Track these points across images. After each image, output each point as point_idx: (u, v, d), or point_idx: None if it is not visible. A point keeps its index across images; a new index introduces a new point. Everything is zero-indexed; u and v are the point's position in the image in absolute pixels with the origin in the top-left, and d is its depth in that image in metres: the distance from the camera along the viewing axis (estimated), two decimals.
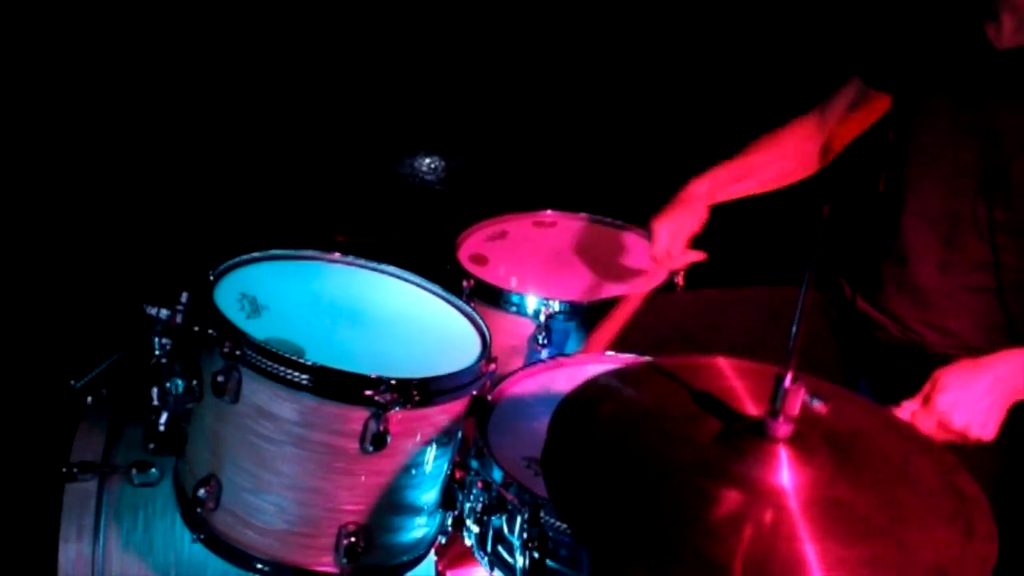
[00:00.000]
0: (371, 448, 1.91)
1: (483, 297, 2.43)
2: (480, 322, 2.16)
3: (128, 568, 2.15)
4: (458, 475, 2.10)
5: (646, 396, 1.75)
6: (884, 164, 2.38)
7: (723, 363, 1.80)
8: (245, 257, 2.17)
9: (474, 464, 2.07)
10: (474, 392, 2.04)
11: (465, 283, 2.50)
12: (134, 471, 2.21)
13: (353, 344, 2.06)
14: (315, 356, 1.93)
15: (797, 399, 1.54)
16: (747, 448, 1.57)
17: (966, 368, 2.06)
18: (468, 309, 2.20)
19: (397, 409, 1.91)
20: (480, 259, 2.63)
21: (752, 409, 1.68)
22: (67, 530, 2.14)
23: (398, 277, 2.28)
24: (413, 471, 2.01)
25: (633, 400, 1.74)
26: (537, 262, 2.67)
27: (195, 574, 2.16)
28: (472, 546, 2.08)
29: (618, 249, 2.78)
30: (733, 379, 1.77)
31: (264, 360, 1.90)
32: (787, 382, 1.53)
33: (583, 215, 2.89)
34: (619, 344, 2.36)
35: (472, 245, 2.70)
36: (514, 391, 2.23)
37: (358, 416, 1.91)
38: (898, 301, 2.32)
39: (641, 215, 2.84)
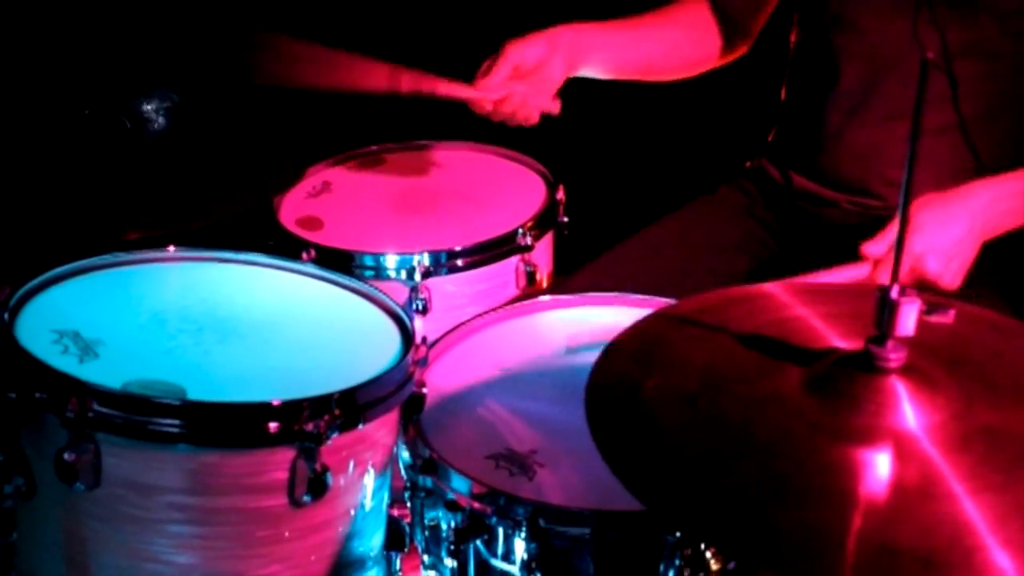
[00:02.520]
0: (308, 498, 1.39)
1: (331, 268, 1.87)
2: (387, 301, 1.62)
3: None
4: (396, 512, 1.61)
5: (689, 355, 1.34)
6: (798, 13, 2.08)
7: (773, 290, 1.41)
8: (41, 279, 1.51)
9: (424, 482, 1.57)
10: (413, 391, 1.54)
11: (305, 255, 1.94)
12: None
13: (236, 365, 1.48)
14: (199, 392, 1.37)
15: (911, 313, 1.18)
16: (850, 390, 1.21)
17: (939, 203, 1.78)
18: (365, 287, 1.65)
19: (335, 436, 1.39)
20: (311, 222, 2.06)
21: (835, 341, 1.30)
22: None
23: (262, 264, 1.68)
24: (354, 512, 1.50)
25: (678, 364, 1.32)
26: (383, 210, 2.13)
27: None
28: None
29: (475, 173, 2.27)
30: (788, 309, 1.38)
31: (131, 416, 1.32)
32: (894, 293, 1.18)
33: (415, 143, 2.34)
34: None
35: (293, 207, 2.11)
36: (432, 375, 1.73)
37: (281, 459, 1.38)
38: (848, 164, 2.01)
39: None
